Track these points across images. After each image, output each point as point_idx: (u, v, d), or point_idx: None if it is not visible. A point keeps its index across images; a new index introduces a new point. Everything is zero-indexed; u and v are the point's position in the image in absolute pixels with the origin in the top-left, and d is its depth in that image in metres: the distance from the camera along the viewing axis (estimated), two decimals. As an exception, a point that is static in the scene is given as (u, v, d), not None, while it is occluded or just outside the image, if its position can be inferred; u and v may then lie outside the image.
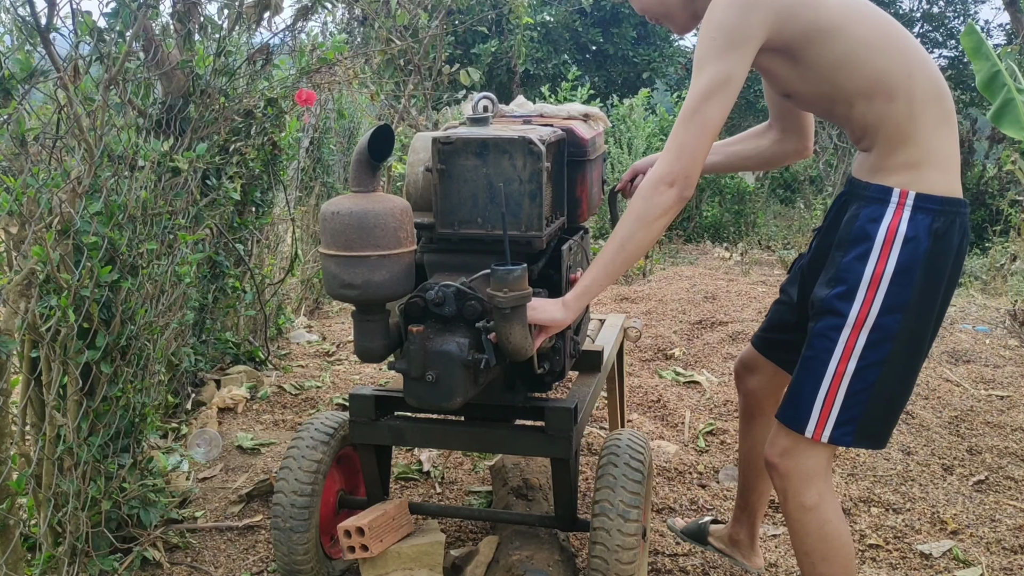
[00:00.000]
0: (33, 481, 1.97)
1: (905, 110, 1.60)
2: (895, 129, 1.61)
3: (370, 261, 1.72)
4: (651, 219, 1.60)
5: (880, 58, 1.60)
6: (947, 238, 1.60)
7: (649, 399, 3.49)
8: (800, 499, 1.72)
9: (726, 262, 7.25)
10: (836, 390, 1.65)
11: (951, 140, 1.63)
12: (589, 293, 1.72)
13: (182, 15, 2.90)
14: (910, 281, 1.59)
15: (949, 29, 14.79)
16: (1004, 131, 4.89)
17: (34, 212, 1.88)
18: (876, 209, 1.62)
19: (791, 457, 1.72)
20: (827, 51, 1.60)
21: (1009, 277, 6.19)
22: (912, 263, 1.59)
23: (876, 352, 1.62)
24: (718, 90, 1.54)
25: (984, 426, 3.28)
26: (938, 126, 1.61)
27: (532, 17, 10.66)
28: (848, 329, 1.63)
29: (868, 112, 1.63)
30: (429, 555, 2.07)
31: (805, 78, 1.66)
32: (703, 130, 1.56)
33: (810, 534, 1.74)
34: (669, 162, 1.58)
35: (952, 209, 1.60)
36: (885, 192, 1.61)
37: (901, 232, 1.59)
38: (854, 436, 1.67)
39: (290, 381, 3.63)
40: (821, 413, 1.67)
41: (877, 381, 1.64)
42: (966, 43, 4.91)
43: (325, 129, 5.35)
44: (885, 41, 1.61)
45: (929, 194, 1.59)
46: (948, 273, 1.63)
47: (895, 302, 1.60)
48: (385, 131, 1.76)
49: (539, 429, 1.95)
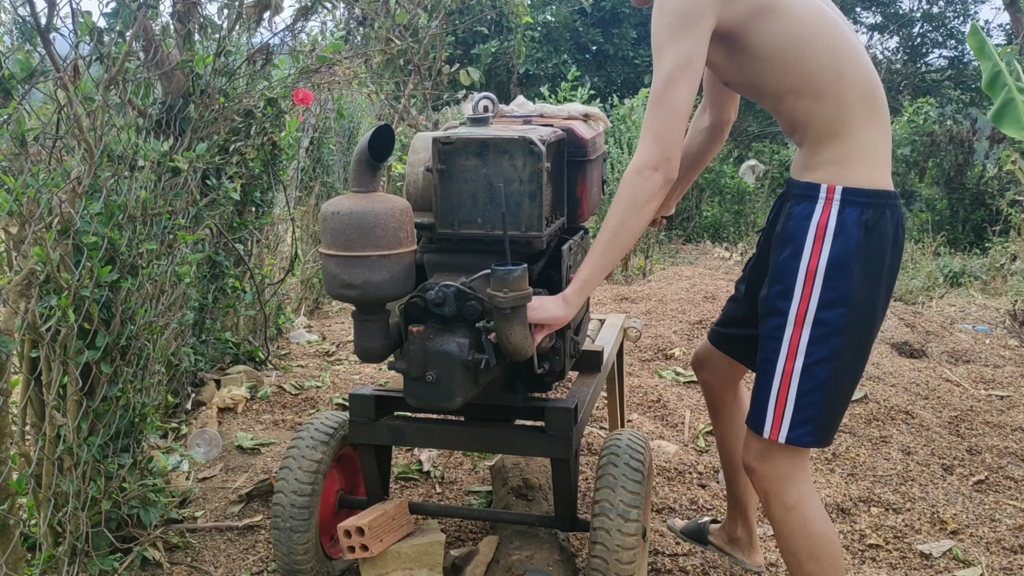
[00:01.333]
0: (33, 481, 1.97)
1: (833, 110, 1.62)
2: (823, 127, 1.64)
3: (370, 261, 1.72)
4: (640, 205, 1.62)
5: (811, 57, 1.62)
6: (879, 229, 1.62)
7: (649, 399, 3.49)
8: (781, 499, 1.74)
9: (726, 262, 7.26)
10: (786, 389, 1.67)
11: (880, 135, 1.65)
12: (588, 286, 1.72)
13: (182, 15, 2.90)
14: (846, 274, 1.61)
15: (949, 29, 14.78)
16: (1004, 131, 4.89)
17: (34, 212, 1.88)
18: (806, 206, 1.64)
19: (766, 460, 1.74)
20: (763, 42, 1.62)
21: (1009, 277, 6.19)
22: (845, 256, 1.60)
23: (823, 348, 1.63)
24: (681, 72, 1.56)
25: (984, 426, 3.28)
26: (866, 124, 1.63)
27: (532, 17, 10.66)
28: (790, 327, 1.65)
29: (796, 109, 1.66)
30: (429, 555, 2.07)
31: (741, 69, 1.68)
32: (674, 113, 1.58)
33: (795, 533, 1.75)
34: (649, 148, 1.60)
35: (881, 201, 1.62)
36: (813, 188, 1.64)
37: (831, 227, 1.61)
38: (814, 436, 1.68)
39: (290, 381, 3.63)
40: (775, 414, 1.69)
41: (830, 379, 1.65)
42: (972, 43, 4.92)
43: (325, 129, 5.35)
44: (820, 39, 1.63)
45: (856, 187, 1.61)
46: (887, 264, 1.65)
47: (834, 296, 1.62)
48: (385, 131, 1.76)
49: (539, 429, 1.95)
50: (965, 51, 14.50)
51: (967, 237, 8.30)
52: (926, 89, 13.80)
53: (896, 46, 15.20)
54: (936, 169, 8.77)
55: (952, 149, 8.67)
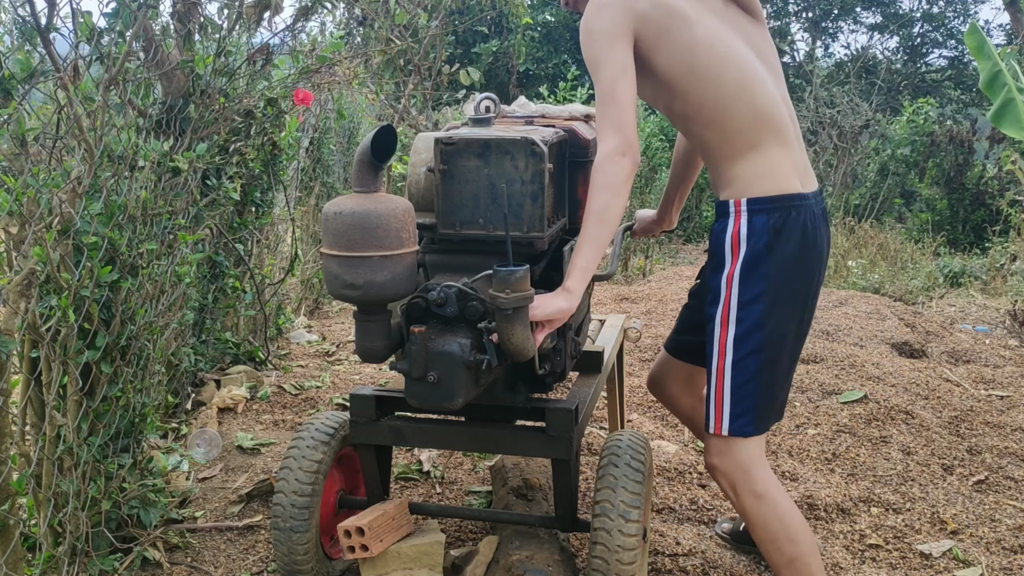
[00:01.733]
0: (33, 481, 1.97)
1: (720, 137, 1.80)
2: (715, 151, 1.82)
3: (372, 261, 1.72)
4: (617, 186, 1.70)
5: (698, 90, 1.77)
6: (788, 229, 1.77)
7: (649, 399, 3.49)
8: (749, 488, 1.84)
9: (726, 262, 7.24)
10: (722, 384, 1.82)
11: (776, 151, 1.79)
12: (587, 272, 1.75)
13: (182, 15, 2.90)
14: (759, 274, 1.77)
15: (949, 29, 14.80)
16: (1004, 131, 4.89)
17: (34, 212, 1.88)
18: (721, 221, 1.82)
19: (725, 454, 1.86)
20: (659, 67, 1.77)
21: (1009, 277, 6.19)
22: (756, 257, 1.77)
23: (748, 342, 1.79)
24: (619, 77, 1.70)
25: (984, 426, 3.28)
26: (756, 148, 1.78)
27: (532, 17, 10.66)
28: (718, 328, 1.82)
29: (690, 132, 1.85)
30: (429, 555, 2.07)
31: (643, 88, 1.82)
32: (623, 105, 1.70)
33: (769, 519, 1.83)
34: (611, 138, 1.69)
35: (785, 204, 1.77)
36: (724, 205, 1.82)
37: (742, 235, 1.78)
38: (754, 424, 1.82)
39: (290, 381, 3.63)
40: (716, 409, 1.84)
41: (761, 369, 1.80)
42: (970, 42, 4.92)
43: (325, 129, 5.35)
44: (707, 72, 1.76)
45: (759, 196, 1.78)
46: (804, 260, 1.79)
47: (751, 295, 1.78)
48: (388, 131, 1.75)
49: (540, 429, 1.94)
50: (965, 51, 14.51)
51: (967, 237, 8.30)
52: (926, 89, 13.82)
53: (896, 46, 15.22)
54: (936, 169, 8.77)
55: (952, 149, 8.68)
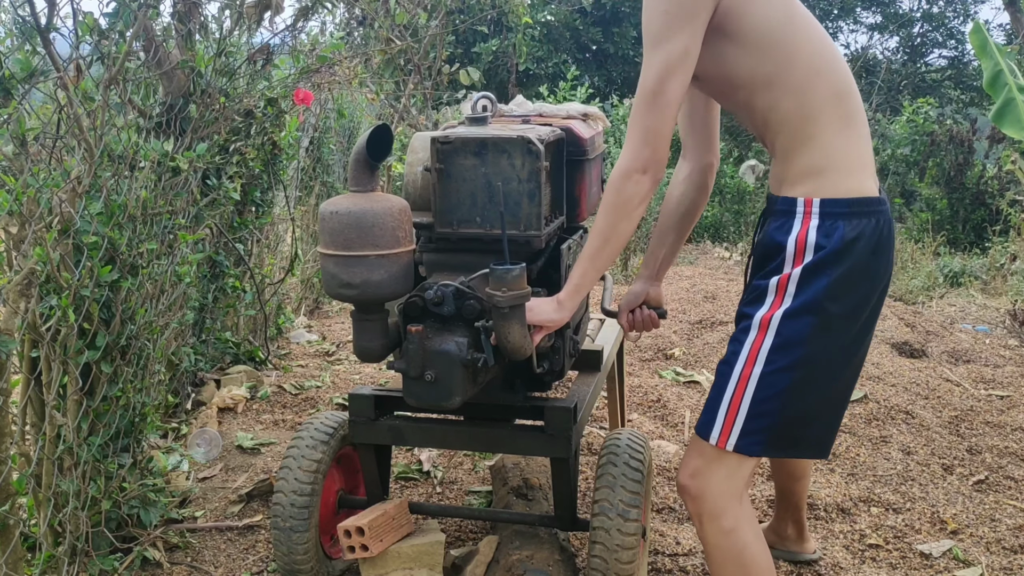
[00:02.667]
0: (33, 481, 1.97)
1: (799, 108, 1.55)
2: (789, 128, 1.57)
3: (369, 261, 1.72)
4: (631, 209, 1.57)
5: (794, 48, 1.53)
6: (861, 239, 1.53)
7: (649, 399, 3.49)
8: (717, 522, 1.64)
9: (726, 262, 7.25)
10: (741, 395, 1.59)
11: (852, 141, 1.57)
12: (581, 289, 1.70)
13: (183, 15, 2.90)
14: (823, 284, 1.53)
15: (949, 29, 14.79)
16: (1004, 131, 4.89)
17: (34, 212, 1.88)
18: (784, 222, 1.58)
19: (703, 477, 1.64)
20: (755, 26, 1.52)
21: (1009, 277, 6.19)
22: (822, 265, 1.53)
23: (785, 356, 1.55)
24: (677, 66, 1.47)
25: (984, 426, 3.28)
26: (836, 128, 1.55)
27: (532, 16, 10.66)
28: (754, 331, 1.58)
29: (766, 102, 1.57)
30: (429, 555, 2.07)
31: (720, 55, 1.57)
32: (666, 111, 1.49)
33: (729, 561, 1.65)
34: (637, 149, 1.52)
35: (863, 209, 1.54)
36: (790, 203, 1.57)
37: (810, 240, 1.54)
38: (763, 446, 1.60)
39: (290, 381, 3.63)
40: (726, 419, 1.60)
41: (789, 389, 1.56)
42: (974, 41, 4.91)
43: (325, 129, 5.35)
44: (806, 32, 1.55)
45: (834, 198, 1.54)
46: (872, 276, 1.56)
47: (804, 304, 1.54)
48: (383, 131, 1.76)
49: (539, 428, 1.95)
50: (965, 51, 14.51)
51: (967, 237, 8.30)
52: (926, 89, 13.81)
53: (896, 46, 15.21)
54: (936, 169, 8.77)
55: (952, 149, 8.67)
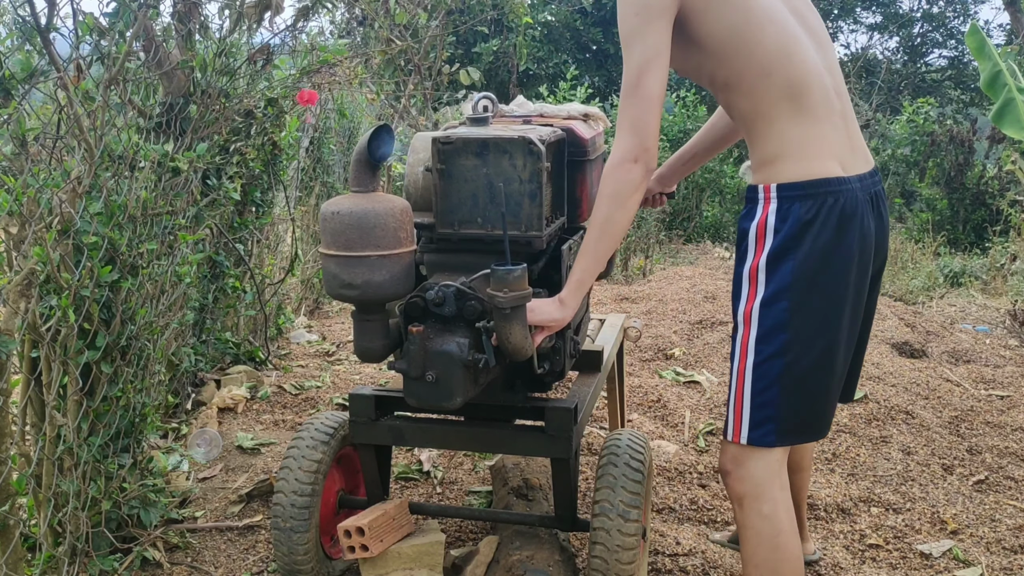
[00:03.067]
0: (33, 481, 1.97)
1: (753, 108, 1.63)
2: (750, 124, 1.66)
3: (370, 261, 1.72)
4: (624, 198, 1.62)
5: (745, 54, 1.61)
6: (821, 219, 1.58)
7: (649, 399, 3.49)
8: (757, 504, 1.68)
9: (726, 262, 7.25)
10: (741, 389, 1.67)
11: (815, 128, 1.62)
12: (583, 285, 1.72)
13: (183, 15, 2.90)
14: (788, 267, 1.59)
15: (949, 29, 14.79)
16: (1004, 131, 4.89)
17: (34, 212, 1.88)
18: (749, 209, 1.66)
19: (741, 464, 1.70)
20: (711, 34, 1.61)
21: (1009, 277, 6.19)
22: (782, 249, 1.59)
23: (770, 344, 1.61)
24: (651, 62, 1.57)
25: (984, 426, 3.28)
26: (792, 121, 1.61)
27: (532, 17, 10.66)
28: (740, 327, 1.66)
29: (730, 103, 1.68)
30: (429, 555, 2.07)
31: (687, 57, 1.67)
32: (648, 102, 1.58)
33: (763, 544, 1.69)
34: (627, 139, 1.59)
35: (818, 191, 1.59)
36: (753, 191, 1.66)
37: (769, 224, 1.61)
38: (776, 435, 1.65)
39: (290, 381, 3.63)
40: (734, 414, 1.69)
41: (783, 375, 1.62)
42: (970, 43, 4.92)
43: (325, 129, 5.35)
44: (757, 35, 1.60)
45: (789, 182, 1.60)
46: (840, 253, 1.60)
47: (774, 291, 1.60)
48: (385, 131, 1.76)
49: (539, 429, 1.95)
50: (965, 51, 14.50)
51: (967, 237, 8.30)
52: (926, 89, 13.81)
53: (896, 46, 15.21)
54: (936, 169, 8.77)
55: (952, 149, 8.68)
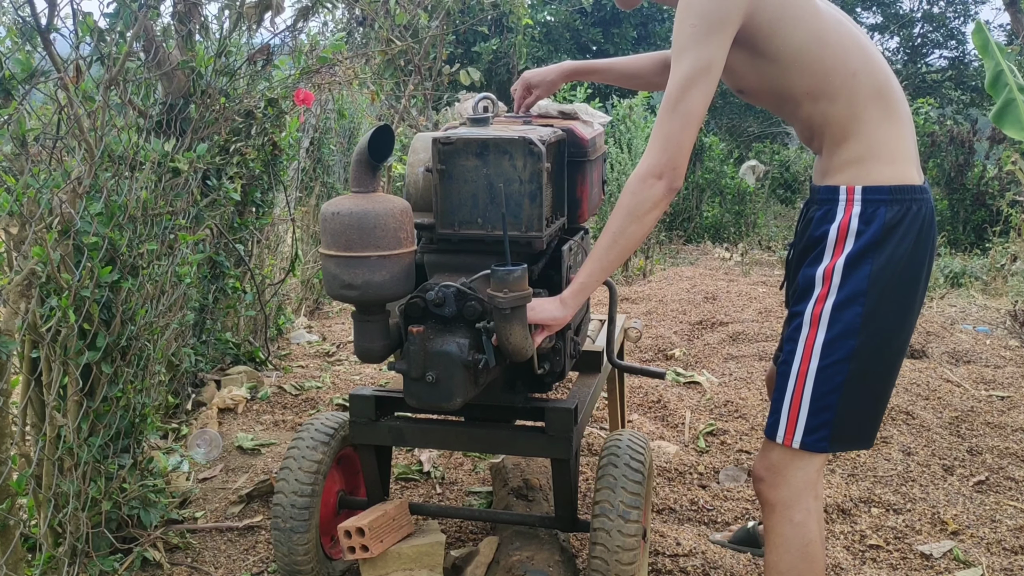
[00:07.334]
0: (33, 481, 1.97)
1: (846, 110, 1.60)
2: (838, 129, 1.62)
3: (370, 262, 1.72)
4: (642, 213, 1.59)
5: (828, 57, 1.58)
6: (903, 226, 1.58)
7: (649, 399, 3.49)
8: (789, 512, 1.68)
9: (726, 262, 7.26)
10: (800, 392, 1.63)
11: (898, 132, 1.61)
12: (586, 289, 1.72)
13: (183, 16, 2.90)
14: (863, 273, 1.57)
15: (949, 29, 14.79)
16: (1005, 131, 4.89)
17: (34, 212, 1.88)
18: (828, 210, 1.62)
19: (779, 472, 1.69)
20: (786, 45, 1.58)
21: (1009, 278, 6.18)
22: (864, 252, 1.57)
23: (839, 349, 1.59)
24: (700, 77, 1.52)
25: (984, 427, 3.28)
26: (880, 121, 1.60)
27: (532, 17, 10.66)
28: (806, 327, 1.62)
29: (813, 112, 1.64)
30: (429, 555, 2.07)
31: (761, 73, 1.64)
32: (687, 119, 1.54)
33: (792, 552, 1.68)
34: (656, 154, 1.56)
35: (905, 197, 1.58)
36: (833, 191, 1.62)
37: (852, 227, 1.59)
38: (829, 441, 1.64)
39: (290, 381, 3.63)
40: (789, 417, 1.65)
41: (847, 381, 1.60)
42: (976, 41, 4.91)
43: (325, 129, 5.35)
44: (835, 37, 1.59)
45: (876, 185, 1.58)
46: (915, 262, 1.60)
47: (849, 295, 1.58)
48: (385, 131, 1.75)
49: (539, 430, 1.94)
50: (965, 51, 14.51)
51: (967, 237, 8.30)
52: (927, 89, 13.81)
53: (896, 46, 15.21)
54: (936, 169, 8.77)
55: (952, 149, 8.67)
